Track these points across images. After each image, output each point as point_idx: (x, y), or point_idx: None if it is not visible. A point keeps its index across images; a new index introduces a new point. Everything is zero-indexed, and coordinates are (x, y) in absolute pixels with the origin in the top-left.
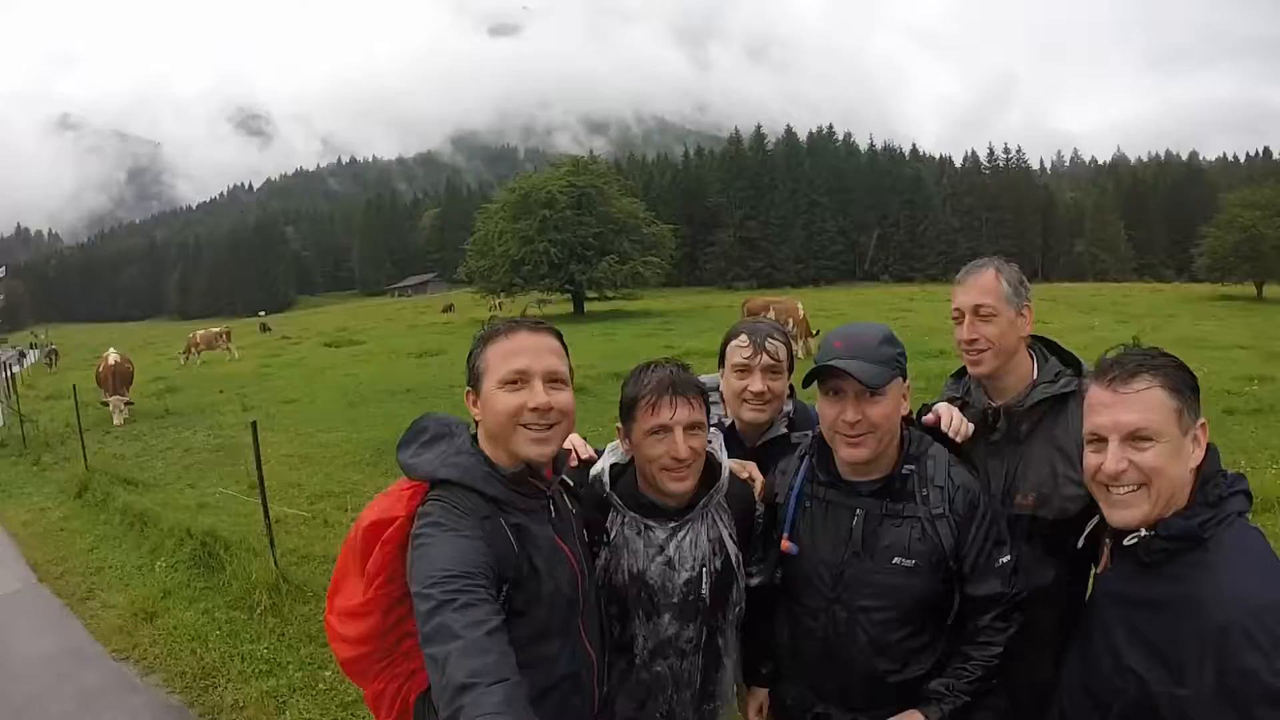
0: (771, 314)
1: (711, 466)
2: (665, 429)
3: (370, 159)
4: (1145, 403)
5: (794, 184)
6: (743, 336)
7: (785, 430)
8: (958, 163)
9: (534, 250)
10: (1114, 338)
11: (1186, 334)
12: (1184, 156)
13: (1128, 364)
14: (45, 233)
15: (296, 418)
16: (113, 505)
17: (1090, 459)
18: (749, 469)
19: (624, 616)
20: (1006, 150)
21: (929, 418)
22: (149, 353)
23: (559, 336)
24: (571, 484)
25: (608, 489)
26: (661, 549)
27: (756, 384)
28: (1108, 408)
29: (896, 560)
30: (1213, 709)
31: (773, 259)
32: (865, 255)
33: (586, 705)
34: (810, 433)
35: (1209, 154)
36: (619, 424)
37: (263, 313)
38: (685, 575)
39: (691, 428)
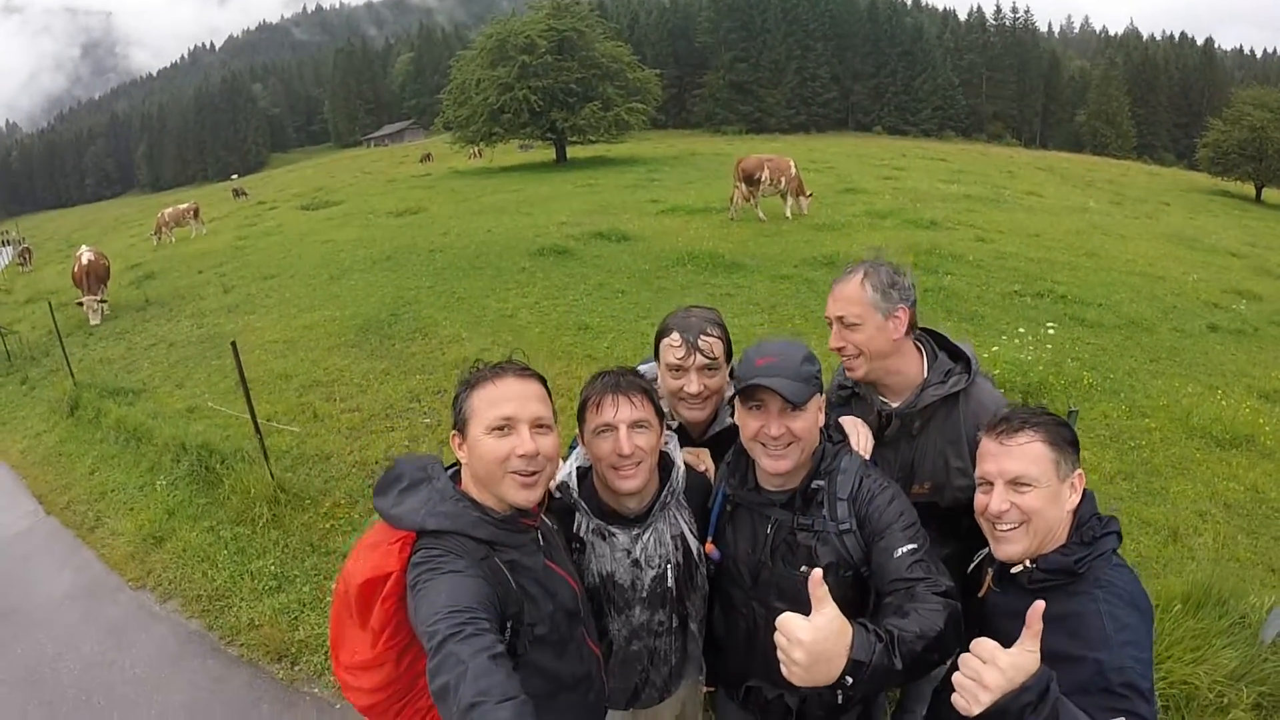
0: (766, 173)
1: (667, 465)
2: (610, 427)
3: (336, 5)
4: (1026, 455)
5: (788, 27)
6: (675, 335)
7: (731, 420)
8: (962, 17)
9: (513, 98)
10: (1108, 224)
11: (1180, 229)
12: (1199, 41)
13: (1014, 420)
14: (3, 124)
15: (277, 296)
16: (105, 422)
17: (979, 499)
18: (703, 459)
19: (597, 611)
20: (1014, 9)
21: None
22: (122, 234)
23: (543, 382)
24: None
25: (575, 494)
26: (627, 552)
27: (693, 385)
28: (995, 457)
29: (803, 569)
30: (1105, 674)
31: (763, 104)
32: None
33: (598, 698)
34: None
35: (1225, 43)
36: (578, 430)
37: (235, 175)
38: (652, 573)
39: (636, 425)
